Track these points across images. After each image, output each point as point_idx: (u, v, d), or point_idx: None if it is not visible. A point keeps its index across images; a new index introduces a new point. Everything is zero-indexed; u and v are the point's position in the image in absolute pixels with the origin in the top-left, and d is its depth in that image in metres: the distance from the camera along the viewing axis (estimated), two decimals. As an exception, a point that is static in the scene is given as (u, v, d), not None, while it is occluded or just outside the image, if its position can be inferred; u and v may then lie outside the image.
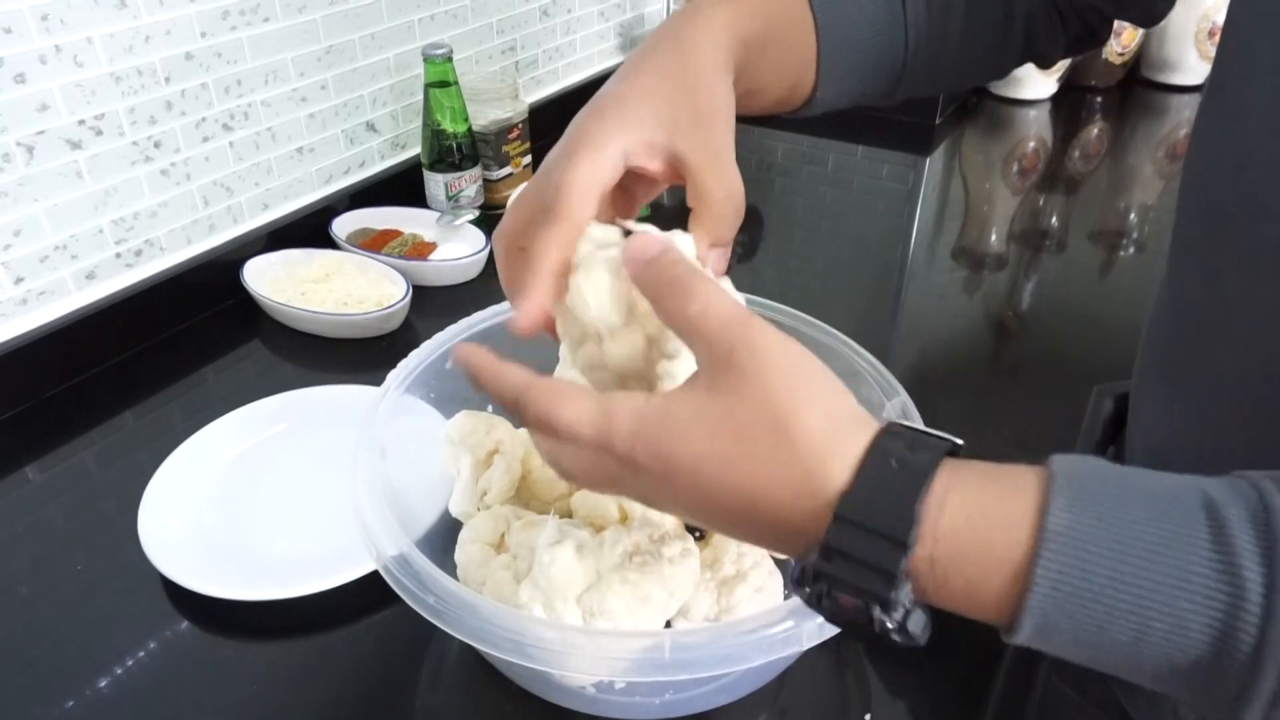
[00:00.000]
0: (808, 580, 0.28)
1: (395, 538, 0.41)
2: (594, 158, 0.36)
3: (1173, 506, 0.26)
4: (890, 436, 0.29)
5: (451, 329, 0.54)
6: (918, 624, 0.28)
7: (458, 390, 0.55)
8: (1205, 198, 0.41)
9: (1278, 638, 0.24)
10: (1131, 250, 0.99)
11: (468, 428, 0.52)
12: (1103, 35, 0.54)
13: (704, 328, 0.30)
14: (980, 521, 0.27)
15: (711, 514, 0.30)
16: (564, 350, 0.45)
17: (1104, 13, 0.53)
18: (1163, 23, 0.67)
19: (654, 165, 0.38)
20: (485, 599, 0.38)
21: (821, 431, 0.28)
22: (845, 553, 0.27)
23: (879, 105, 0.53)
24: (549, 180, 0.37)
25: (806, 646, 0.36)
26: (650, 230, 0.35)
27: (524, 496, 0.53)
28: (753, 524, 0.30)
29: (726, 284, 0.37)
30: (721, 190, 0.37)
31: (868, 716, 0.48)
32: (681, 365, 0.34)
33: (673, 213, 0.61)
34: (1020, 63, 0.54)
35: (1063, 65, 1.29)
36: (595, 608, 0.39)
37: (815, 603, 0.29)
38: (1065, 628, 0.26)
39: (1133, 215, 1.06)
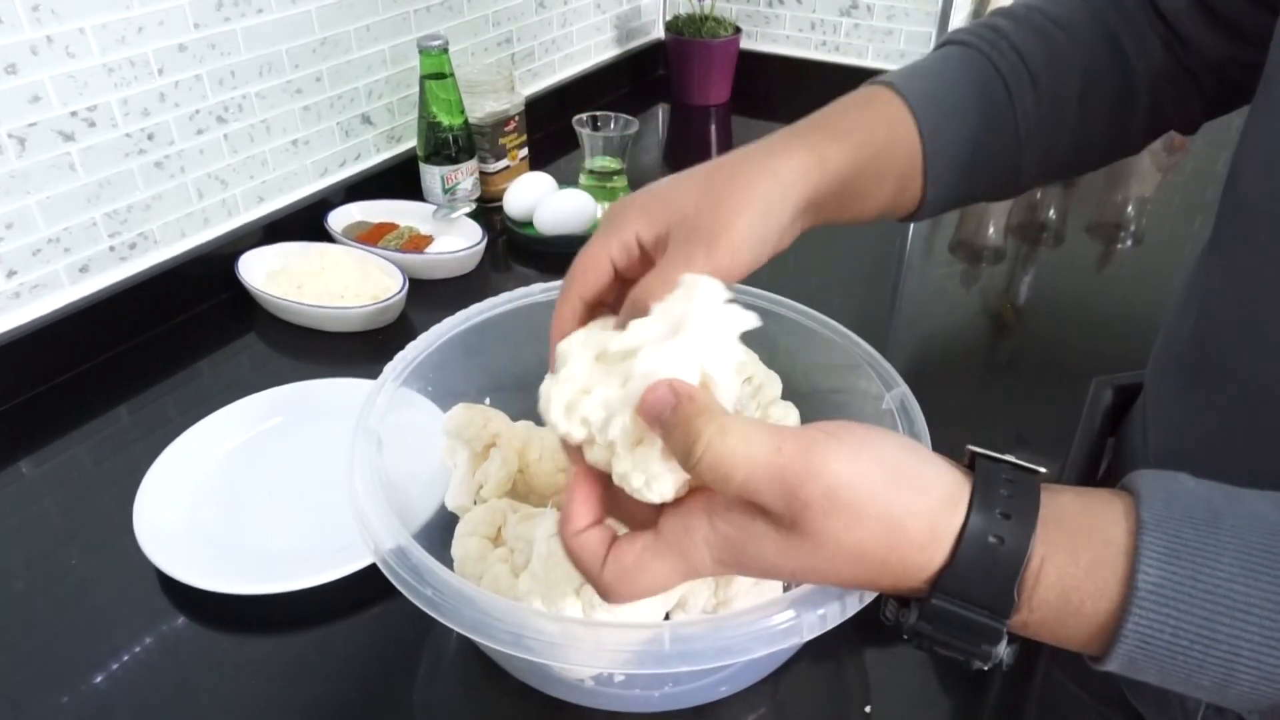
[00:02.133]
0: (906, 630, 0.31)
1: (393, 530, 0.40)
2: (606, 238, 0.38)
3: (1266, 557, 0.27)
4: (982, 506, 0.29)
5: (448, 321, 0.54)
6: (1009, 657, 0.30)
7: (455, 383, 0.54)
8: (1237, 197, 0.41)
9: None
10: (1129, 243, 0.99)
11: (464, 420, 0.52)
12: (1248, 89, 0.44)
13: (757, 490, 0.29)
14: (1073, 594, 0.28)
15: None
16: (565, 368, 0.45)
17: (1247, 63, 0.45)
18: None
19: (653, 252, 0.38)
20: (484, 591, 0.38)
21: (914, 520, 0.29)
22: (946, 619, 0.29)
23: (1002, 199, 0.51)
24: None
25: (807, 638, 0.35)
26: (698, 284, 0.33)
27: (521, 490, 0.53)
28: (846, 578, 0.31)
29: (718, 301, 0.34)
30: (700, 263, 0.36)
31: (868, 709, 0.48)
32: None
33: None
34: (1154, 135, 0.49)
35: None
36: (594, 600, 0.39)
37: (912, 641, 0.31)
38: (1151, 672, 0.28)
39: (1130, 208, 1.06)
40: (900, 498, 0.29)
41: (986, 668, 0.30)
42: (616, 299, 0.39)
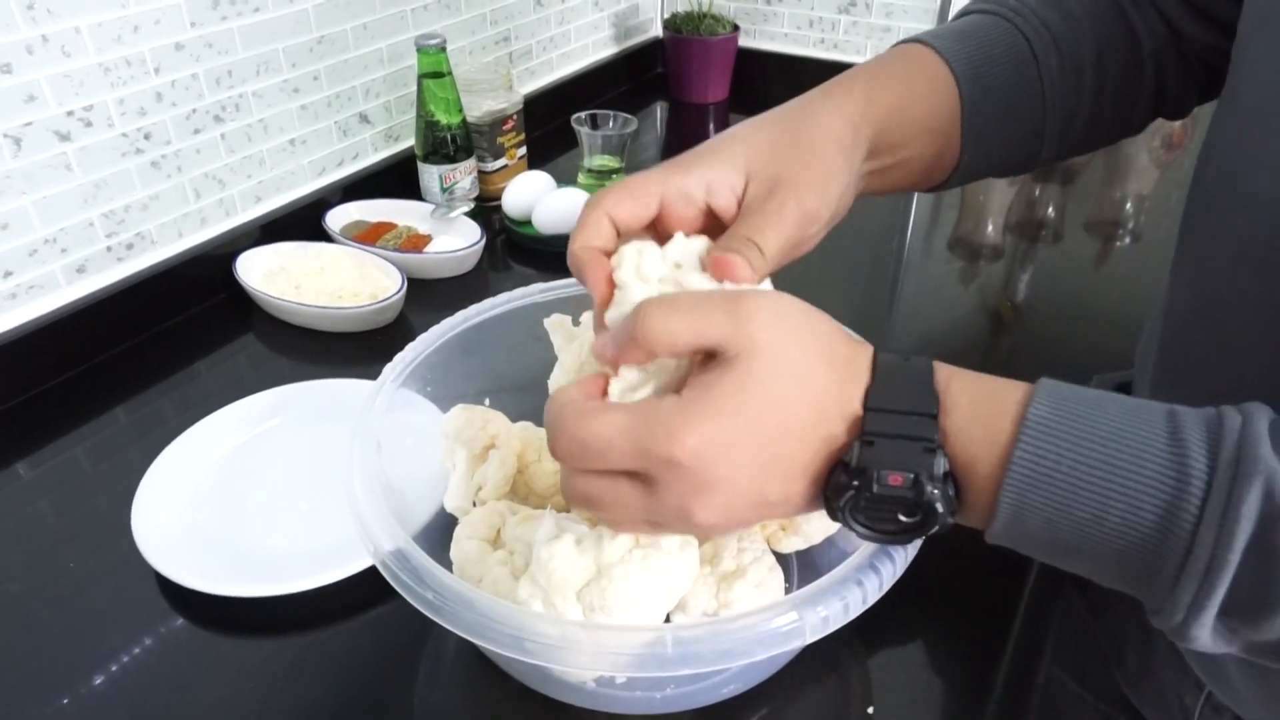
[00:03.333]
0: (853, 478, 0.31)
1: (392, 532, 0.40)
2: (666, 176, 0.38)
3: (1140, 409, 0.30)
4: (883, 353, 0.34)
5: (448, 321, 0.54)
6: (952, 488, 0.32)
7: (454, 384, 0.54)
8: (1200, 194, 0.41)
9: (1212, 515, 0.28)
10: (1128, 240, 0.99)
11: (463, 422, 0.51)
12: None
13: (712, 323, 0.31)
14: (980, 405, 0.32)
15: (770, 476, 0.32)
16: (560, 347, 0.45)
17: (1225, 50, 0.47)
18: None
19: (724, 205, 0.38)
20: (484, 594, 0.38)
21: (841, 346, 0.33)
22: (885, 433, 0.31)
23: (1022, 172, 0.52)
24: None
25: (810, 640, 0.35)
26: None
27: (521, 491, 0.53)
28: (804, 464, 0.32)
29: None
30: (788, 207, 0.37)
31: (870, 710, 0.48)
32: None
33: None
34: (1151, 115, 0.51)
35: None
36: (596, 602, 0.39)
37: (866, 490, 0.31)
38: (1038, 506, 0.30)
39: (1129, 205, 1.06)
40: (825, 325, 0.34)
41: (940, 505, 0.31)
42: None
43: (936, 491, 0.31)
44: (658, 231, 0.39)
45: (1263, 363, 0.37)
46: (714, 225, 0.38)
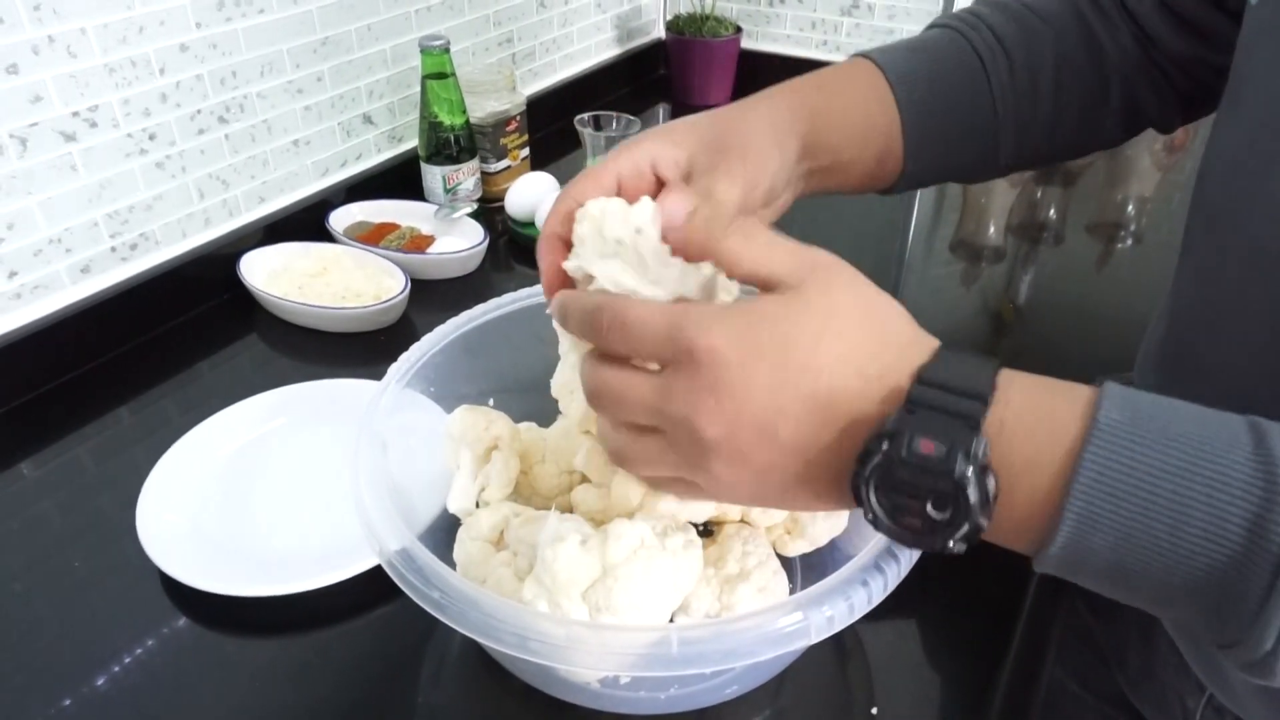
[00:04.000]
0: (882, 440, 0.28)
1: (398, 532, 0.40)
2: (617, 157, 0.40)
3: (1217, 417, 0.28)
4: (949, 345, 0.32)
5: (452, 322, 0.54)
6: (988, 489, 0.28)
7: (458, 385, 0.54)
8: (1203, 200, 0.41)
9: None
10: (1129, 242, 0.99)
11: (466, 423, 0.51)
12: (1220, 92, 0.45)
13: (777, 255, 0.31)
14: (1043, 406, 0.29)
15: (783, 408, 0.30)
16: (564, 348, 0.45)
17: (1215, 65, 0.47)
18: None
19: (669, 174, 0.40)
20: (490, 594, 0.38)
21: (906, 329, 0.32)
22: (928, 405, 0.29)
23: (982, 179, 0.53)
24: None
25: (815, 640, 0.35)
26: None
27: (525, 492, 0.53)
28: (826, 412, 0.30)
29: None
30: (719, 186, 0.38)
31: (874, 710, 0.48)
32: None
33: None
34: (1132, 129, 0.51)
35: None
36: (601, 602, 0.39)
37: (890, 465, 0.28)
38: (1107, 517, 0.27)
39: (1130, 207, 1.06)
40: (887, 307, 0.32)
41: (972, 494, 0.28)
42: None
43: (971, 473, 0.27)
44: None
45: (1268, 366, 0.37)
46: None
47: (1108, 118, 0.50)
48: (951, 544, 0.29)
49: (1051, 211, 1.05)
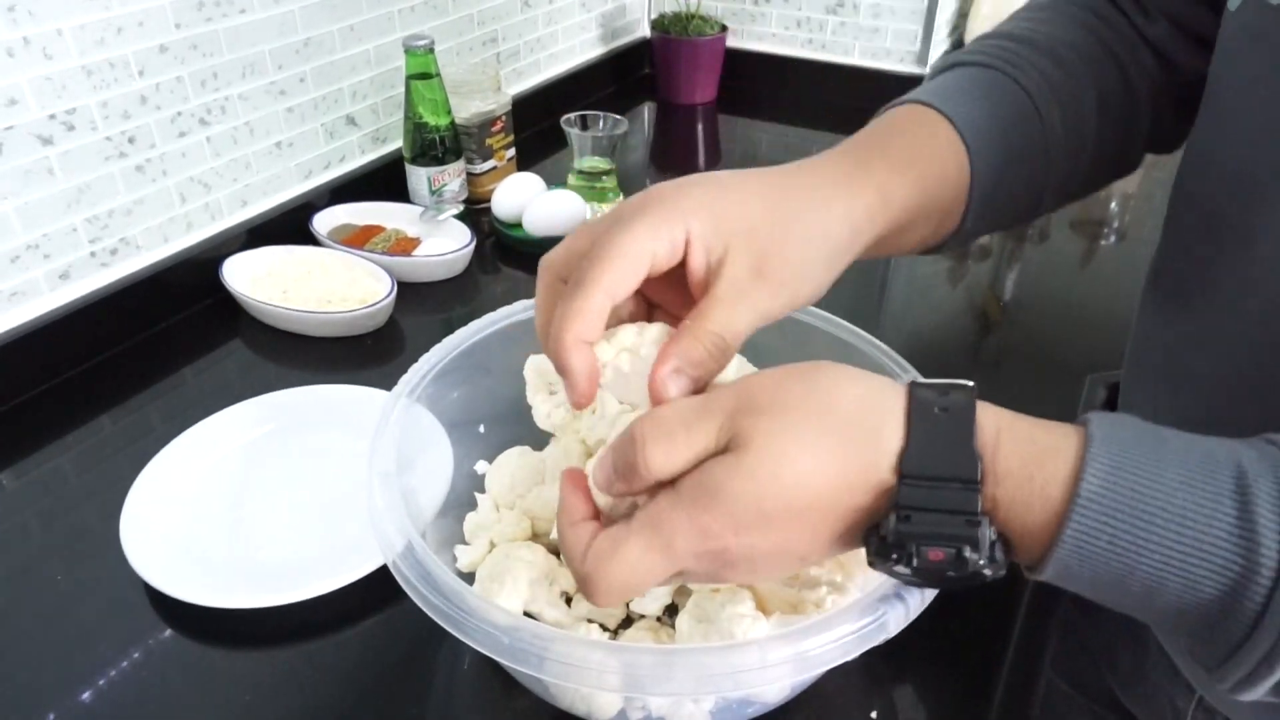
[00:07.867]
0: (890, 551, 0.29)
1: (434, 567, 0.38)
2: (654, 228, 0.33)
3: (1203, 475, 0.28)
4: (919, 388, 0.31)
5: (461, 332, 0.51)
6: (1001, 552, 0.30)
7: (459, 392, 0.53)
8: (1196, 206, 0.41)
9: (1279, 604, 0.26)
10: (1113, 239, 1.00)
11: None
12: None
13: (696, 438, 0.31)
14: (1032, 471, 0.29)
15: (777, 546, 0.31)
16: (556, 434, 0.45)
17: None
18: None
19: (696, 271, 0.34)
20: (544, 626, 0.37)
21: (865, 409, 0.30)
22: (922, 507, 0.29)
23: (1016, 228, 0.50)
24: (606, 228, 0.34)
25: (893, 633, 0.35)
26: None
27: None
28: (821, 514, 0.30)
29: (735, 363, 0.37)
30: (730, 322, 0.34)
31: (874, 714, 0.48)
32: None
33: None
34: (1158, 151, 0.49)
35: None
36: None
37: (904, 563, 0.29)
38: (1086, 577, 0.29)
39: (1114, 204, 1.07)
40: (839, 388, 0.31)
41: (987, 571, 0.29)
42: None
43: (983, 562, 0.29)
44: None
45: (1254, 364, 0.37)
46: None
47: (1136, 146, 0.47)
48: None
49: (1036, 209, 1.06)
